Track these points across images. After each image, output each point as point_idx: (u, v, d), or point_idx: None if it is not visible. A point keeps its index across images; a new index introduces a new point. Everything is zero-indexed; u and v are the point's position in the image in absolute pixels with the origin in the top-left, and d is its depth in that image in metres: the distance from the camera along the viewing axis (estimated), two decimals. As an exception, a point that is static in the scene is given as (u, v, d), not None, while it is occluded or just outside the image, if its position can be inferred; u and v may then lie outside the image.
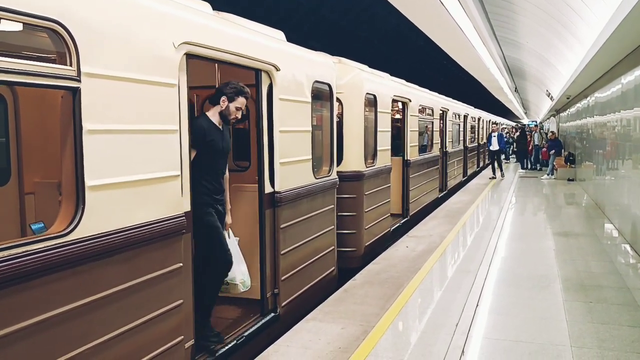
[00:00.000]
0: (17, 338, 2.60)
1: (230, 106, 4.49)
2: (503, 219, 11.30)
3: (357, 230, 7.79)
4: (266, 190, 5.11)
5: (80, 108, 2.91)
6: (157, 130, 3.51)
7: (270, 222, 5.17)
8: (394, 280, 6.79)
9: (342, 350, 4.71)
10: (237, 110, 4.54)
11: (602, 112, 12.82)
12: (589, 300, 6.00)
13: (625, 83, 9.82)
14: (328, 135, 6.75)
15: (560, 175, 19.68)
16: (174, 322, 3.71)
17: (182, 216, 3.72)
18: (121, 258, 3.21)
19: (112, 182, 3.14)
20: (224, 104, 4.49)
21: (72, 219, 2.92)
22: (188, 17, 3.88)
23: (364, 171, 7.89)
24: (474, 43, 15.05)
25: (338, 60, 7.73)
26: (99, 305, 3.06)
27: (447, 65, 23.30)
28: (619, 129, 10.41)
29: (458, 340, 4.89)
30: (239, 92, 4.51)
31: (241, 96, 4.52)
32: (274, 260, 5.24)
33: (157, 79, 3.49)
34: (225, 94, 4.48)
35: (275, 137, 5.13)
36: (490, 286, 6.58)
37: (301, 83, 5.69)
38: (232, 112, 4.51)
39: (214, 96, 4.58)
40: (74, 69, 2.87)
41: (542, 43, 16.70)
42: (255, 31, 5.01)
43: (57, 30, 2.78)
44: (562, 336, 5.00)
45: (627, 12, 6.36)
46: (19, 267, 2.56)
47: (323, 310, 5.74)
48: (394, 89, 9.87)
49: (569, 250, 8.51)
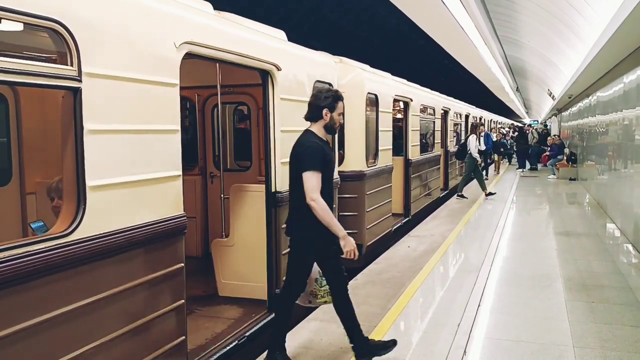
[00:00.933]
0: (19, 338, 2.59)
1: (333, 116, 4.25)
2: (505, 219, 11.28)
3: (358, 230, 7.78)
4: (270, 190, 5.11)
5: (81, 108, 2.91)
6: (158, 130, 3.51)
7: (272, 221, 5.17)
8: (395, 280, 6.78)
9: (344, 350, 4.70)
10: (339, 116, 4.30)
11: (604, 111, 12.79)
12: (591, 300, 5.98)
13: (627, 82, 9.80)
14: (329, 135, 6.73)
15: (562, 174, 19.65)
16: (176, 323, 3.70)
17: (183, 216, 3.72)
18: (122, 258, 3.20)
19: (113, 182, 3.14)
20: (327, 116, 4.21)
21: (73, 219, 2.92)
22: (189, 16, 3.87)
23: (366, 171, 7.88)
24: (476, 42, 15.04)
25: (339, 60, 7.73)
26: (100, 306, 3.05)
27: (448, 64, 23.29)
28: (621, 129, 10.38)
29: (460, 340, 4.88)
30: (336, 99, 4.25)
31: (340, 101, 4.27)
32: (275, 260, 5.23)
33: (158, 78, 3.48)
34: (326, 106, 4.20)
35: (275, 136, 5.13)
36: (492, 286, 6.57)
37: (302, 82, 5.68)
38: (337, 120, 4.27)
39: (311, 114, 4.26)
40: (75, 68, 2.86)
41: (544, 42, 16.67)
42: (256, 31, 5.01)
43: (57, 30, 2.77)
44: (564, 336, 4.98)
45: (629, 11, 6.34)
46: (20, 268, 2.55)
47: (324, 310, 5.72)
48: (396, 88, 9.86)
49: (571, 249, 8.49)
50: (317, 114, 4.23)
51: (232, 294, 5.61)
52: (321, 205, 3.97)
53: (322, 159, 4.08)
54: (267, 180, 5.12)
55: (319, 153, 4.08)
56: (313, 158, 4.03)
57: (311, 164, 4.00)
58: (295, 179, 4.15)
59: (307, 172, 3.99)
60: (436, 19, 12.68)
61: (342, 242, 4.07)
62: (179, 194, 3.71)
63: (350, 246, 4.07)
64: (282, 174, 5.20)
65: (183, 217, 3.72)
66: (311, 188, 3.97)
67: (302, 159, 4.06)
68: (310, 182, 3.98)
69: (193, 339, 4.45)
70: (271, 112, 5.07)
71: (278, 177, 5.16)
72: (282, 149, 5.20)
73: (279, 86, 5.13)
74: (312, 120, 4.28)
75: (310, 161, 4.01)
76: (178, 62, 3.68)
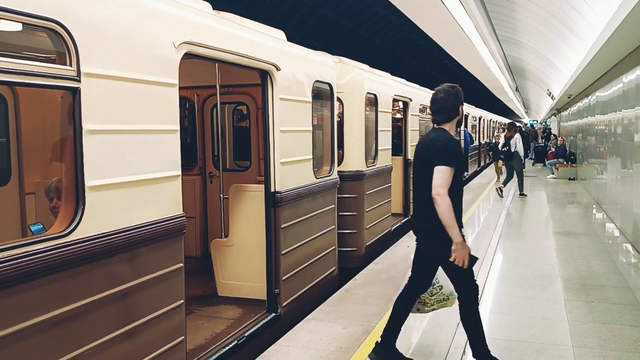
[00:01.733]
0: (19, 339, 2.59)
1: (463, 109, 4.24)
2: (504, 218, 11.28)
3: (358, 230, 7.78)
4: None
5: (80, 108, 2.91)
6: (157, 131, 3.51)
7: (272, 222, 5.17)
8: (395, 280, 6.77)
9: (343, 350, 4.70)
10: None
11: (604, 111, 12.79)
12: (590, 300, 5.99)
13: (626, 82, 9.79)
14: (329, 135, 6.74)
15: (561, 174, 19.65)
16: (174, 323, 3.70)
17: (182, 217, 3.72)
18: (121, 259, 3.20)
19: (112, 182, 3.13)
20: (461, 110, 4.21)
21: (72, 219, 2.91)
22: (188, 16, 3.87)
23: (365, 171, 7.88)
24: (475, 42, 15.05)
25: (339, 60, 7.73)
26: (99, 306, 3.05)
27: (447, 64, 23.31)
28: (621, 128, 10.39)
29: (459, 340, 4.88)
30: (460, 91, 4.20)
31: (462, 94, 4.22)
32: (275, 260, 5.23)
33: (157, 79, 3.48)
34: (459, 102, 4.17)
35: (275, 136, 5.13)
36: (491, 286, 6.57)
37: (301, 82, 5.68)
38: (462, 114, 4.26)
39: (447, 114, 4.15)
40: (74, 69, 2.86)
41: (543, 42, 16.69)
42: (255, 31, 5.00)
43: (56, 30, 2.77)
44: (564, 336, 4.98)
45: (628, 11, 6.34)
46: (19, 268, 2.55)
47: (324, 310, 5.73)
48: (395, 88, 9.86)
49: (570, 249, 8.49)
50: (454, 112, 4.15)
51: (231, 294, 5.61)
52: (446, 201, 3.82)
53: (457, 157, 4.00)
54: (266, 180, 5.12)
55: (456, 150, 4.02)
56: (450, 154, 3.93)
57: (447, 159, 3.89)
58: (427, 177, 3.96)
59: (441, 167, 3.87)
60: (436, 19, 12.69)
61: (454, 247, 3.88)
62: (178, 193, 3.71)
63: (462, 255, 3.88)
64: (281, 174, 5.20)
65: (182, 217, 3.72)
66: (440, 183, 3.85)
67: (437, 154, 3.93)
68: (441, 176, 3.86)
69: (192, 339, 4.45)
70: (270, 112, 5.07)
71: (277, 177, 5.16)
72: (281, 149, 5.20)
73: (278, 86, 5.13)
74: (448, 120, 4.17)
75: (447, 156, 3.91)
76: (177, 62, 3.67)
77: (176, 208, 3.68)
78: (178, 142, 3.71)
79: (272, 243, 5.16)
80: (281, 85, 5.18)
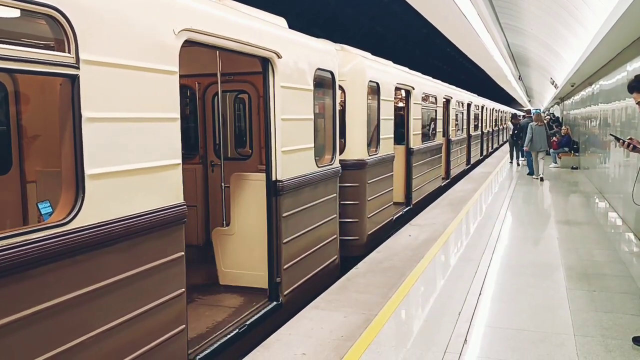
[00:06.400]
0: (18, 327, 2.59)
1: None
2: (506, 207, 11.27)
3: (359, 218, 7.77)
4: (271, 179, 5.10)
5: (79, 96, 2.88)
6: (158, 119, 3.48)
7: (272, 210, 5.16)
8: (396, 269, 6.78)
9: (345, 338, 4.71)
10: None
11: (607, 99, 12.72)
12: (592, 289, 5.98)
13: (630, 70, 9.72)
14: (330, 123, 6.71)
15: (564, 163, 19.60)
16: (175, 312, 3.70)
17: (183, 205, 3.70)
18: (121, 247, 3.19)
19: (112, 170, 3.12)
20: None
21: (71, 207, 2.90)
22: (188, 3, 3.83)
23: (367, 159, 7.86)
24: (478, 30, 14.95)
25: (341, 48, 7.67)
26: (99, 295, 3.05)
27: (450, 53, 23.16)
28: (624, 117, 10.33)
29: (461, 329, 4.88)
30: None
31: None
32: (276, 249, 5.23)
33: (157, 66, 3.45)
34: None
35: (276, 125, 5.10)
36: (493, 274, 6.57)
37: (303, 70, 5.64)
38: None
39: None
40: (73, 56, 2.84)
41: (547, 30, 16.57)
42: (256, 18, 4.96)
43: (55, 17, 2.74)
44: (565, 325, 4.98)
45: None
46: (18, 256, 2.54)
47: (325, 298, 5.73)
48: (397, 76, 9.80)
49: (573, 238, 8.48)
50: None
51: (232, 282, 5.62)
52: None
53: None
54: (267, 168, 5.10)
55: None
56: None
57: None
58: None
59: None
60: (438, 7, 12.60)
61: None
62: (178, 182, 3.69)
63: None
64: (282, 163, 5.18)
65: (183, 206, 3.70)
66: None
67: None
68: None
69: (194, 328, 4.46)
70: (272, 100, 5.04)
71: (279, 166, 5.14)
72: (282, 137, 5.18)
73: (280, 74, 5.09)
74: None
75: None
76: (177, 49, 3.64)
77: (177, 197, 3.67)
78: (179, 131, 3.69)
79: (273, 232, 5.15)
80: (282, 73, 5.14)
